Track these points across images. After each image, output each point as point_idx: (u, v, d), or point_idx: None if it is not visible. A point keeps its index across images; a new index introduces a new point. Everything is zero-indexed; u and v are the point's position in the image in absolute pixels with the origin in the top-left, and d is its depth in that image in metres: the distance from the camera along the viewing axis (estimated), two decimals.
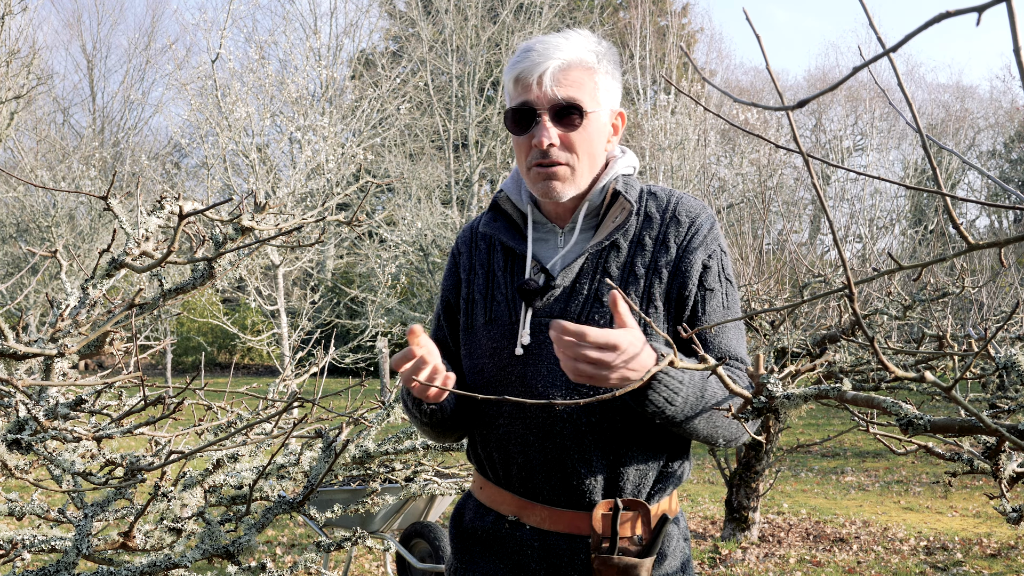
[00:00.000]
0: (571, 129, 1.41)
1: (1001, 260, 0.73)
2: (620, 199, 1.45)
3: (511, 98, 1.45)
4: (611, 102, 1.47)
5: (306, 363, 15.53)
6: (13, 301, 1.96)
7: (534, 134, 1.41)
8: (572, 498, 1.39)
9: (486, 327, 1.47)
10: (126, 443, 7.80)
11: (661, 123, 19.47)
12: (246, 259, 1.72)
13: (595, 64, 1.43)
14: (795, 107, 0.64)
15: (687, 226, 1.44)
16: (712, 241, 1.46)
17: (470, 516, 1.51)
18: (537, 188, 1.44)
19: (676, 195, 1.49)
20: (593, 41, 1.45)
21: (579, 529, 1.38)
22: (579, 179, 1.44)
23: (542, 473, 1.40)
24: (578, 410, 1.38)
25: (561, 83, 1.39)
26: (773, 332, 5.71)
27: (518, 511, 1.43)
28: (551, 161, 1.41)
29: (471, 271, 1.55)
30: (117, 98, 27.43)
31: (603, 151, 1.48)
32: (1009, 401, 5.00)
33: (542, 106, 1.40)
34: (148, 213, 1.69)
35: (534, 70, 1.39)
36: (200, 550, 1.62)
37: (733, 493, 5.68)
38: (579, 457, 1.38)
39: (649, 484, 1.42)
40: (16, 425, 1.47)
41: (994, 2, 0.55)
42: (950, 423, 0.91)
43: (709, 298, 1.43)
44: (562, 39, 1.42)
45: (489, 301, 1.49)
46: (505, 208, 1.54)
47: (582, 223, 1.48)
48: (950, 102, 27.35)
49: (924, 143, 0.67)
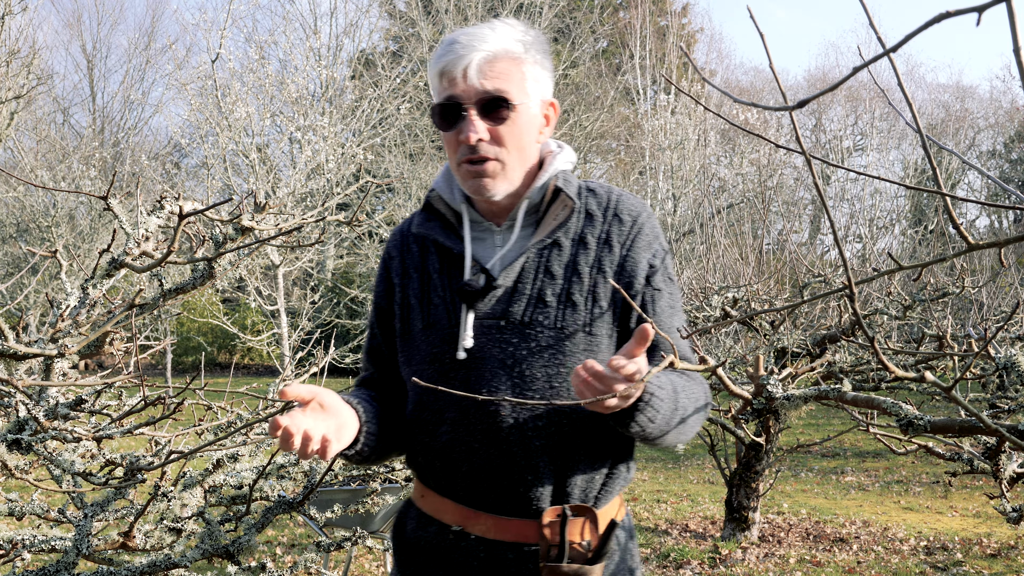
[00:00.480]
0: (499, 123, 1.35)
1: (1001, 260, 0.73)
2: (561, 196, 1.41)
3: (437, 93, 1.39)
4: (541, 92, 1.42)
5: (306, 363, 15.54)
6: (13, 301, 1.96)
7: (461, 129, 1.35)
8: (519, 506, 1.35)
9: (424, 332, 1.41)
10: (126, 443, 7.80)
11: (661, 123, 19.48)
12: (246, 259, 1.72)
13: (522, 54, 1.38)
14: (796, 107, 0.64)
15: (630, 224, 1.42)
16: (655, 240, 1.43)
17: (412, 526, 1.46)
18: (468, 186, 1.39)
19: (615, 192, 1.46)
20: (520, 31, 1.40)
21: (526, 537, 1.34)
22: (511, 174, 1.39)
23: (488, 481, 1.35)
24: (524, 415, 1.34)
25: (487, 75, 1.34)
26: (773, 332, 5.71)
27: (462, 521, 1.38)
28: (480, 157, 1.36)
29: (404, 275, 1.48)
30: (117, 98, 27.43)
31: (535, 143, 1.43)
32: (1009, 401, 5.01)
33: (468, 100, 1.34)
34: (148, 213, 1.69)
35: (458, 63, 1.34)
36: (200, 550, 1.62)
37: (733, 493, 5.68)
38: (526, 464, 1.34)
39: (596, 489, 1.38)
40: (16, 425, 1.47)
41: (994, 2, 0.55)
42: (950, 423, 0.91)
43: (658, 298, 1.41)
44: (488, 30, 1.37)
45: (426, 305, 1.43)
46: (438, 207, 1.47)
47: (522, 220, 1.43)
48: (950, 102, 27.35)
49: (924, 143, 0.67)
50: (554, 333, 1.35)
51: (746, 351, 6.22)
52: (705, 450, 9.59)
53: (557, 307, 1.36)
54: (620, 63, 22.81)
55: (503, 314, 1.37)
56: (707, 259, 8.22)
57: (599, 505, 1.39)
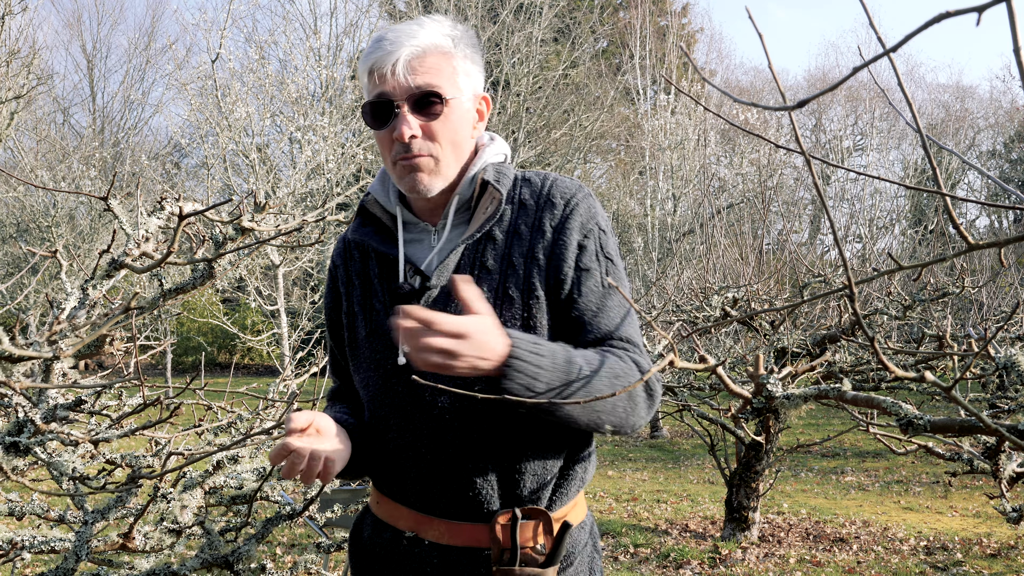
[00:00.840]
0: (432, 118, 1.34)
1: (1001, 260, 0.73)
2: (489, 189, 1.38)
3: (367, 92, 1.37)
4: (473, 86, 1.40)
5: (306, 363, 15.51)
6: (13, 301, 1.96)
7: (394, 127, 1.34)
8: (470, 510, 1.33)
9: (368, 339, 1.41)
10: (126, 443, 7.79)
11: (661, 123, 19.48)
12: (246, 259, 1.72)
13: (451, 48, 1.36)
14: (795, 107, 0.64)
15: (561, 207, 1.37)
16: (589, 220, 1.38)
17: (368, 532, 1.45)
18: (404, 183, 1.37)
19: (551, 178, 1.42)
20: (448, 25, 1.38)
21: (479, 542, 1.32)
22: (445, 170, 1.37)
23: (437, 485, 1.34)
24: (468, 417, 1.32)
25: (417, 71, 1.32)
26: (773, 332, 5.71)
27: (416, 526, 1.37)
28: (414, 154, 1.34)
29: (349, 283, 1.47)
30: (117, 98, 27.43)
31: (469, 138, 1.41)
32: (1009, 401, 5.00)
33: (399, 96, 1.33)
34: (148, 213, 1.69)
35: (387, 59, 1.32)
36: (200, 559, 1.62)
37: (733, 493, 5.68)
38: (473, 466, 1.32)
39: (549, 490, 1.35)
40: (15, 427, 1.47)
41: (994, 2, 0.55)
42: (950, 423, 0.91)
43: (585, 279, 1.35)
44: (416, 26, 1.35)
45: (368, 312, 1.42)
46: (374, 211, 1.46)
47: (453, 218, 1.41)
48: (950, 102, 27.36)
49: (924, 143, 0.67)
50: None
51: (746, 351, 6.22)
52: (705, 450, 9.59)
53: (494, 303, 1.33)
54: (620, 63, 22.81)
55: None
56: (707, 259, 8.22)
57: (554, 507, 1.36)
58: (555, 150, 17.64)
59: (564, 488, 1.37)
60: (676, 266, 14.96)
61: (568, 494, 1.38)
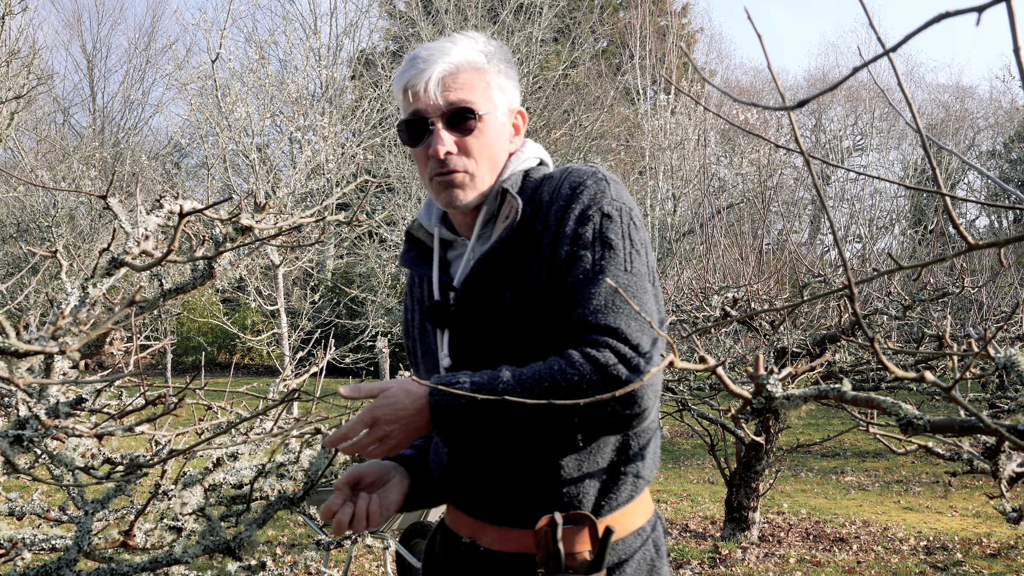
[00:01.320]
0: (466, 134, 1.35)
1: (1001, 260, 0.73)
2: (507, 198, 1.37)
3: (403, 110, 1.39)
4: (507, 101, 1.42)
5: (306, 363, 15.53)
6: (13, 301, 1.96)
7: (429, 144, 1.36)
8: (517, 515, 1.34)
9: (424, 360, 1.46)
10: (126, 442, 7.80)
11: (661, 123, 19.48)
12: (246, 259, 1.72)
13: (485, 64, 1.38)
14: (795, 107, 0.64)
15: (567, 197, 1.33)
16: (592, 204, 1.31)
17: (439, 541, 1.50)
18: (441, 199, 1.39)
19: (568, 170, 1.38)
20: (482, 42, 1.40)
21: (528, 548, 1.32)
22: (481, 184, 1.38)
23: (487, 492, 1.37)
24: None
25: (450, 87, 1.34)
26: (773, 332, 5.71)
27: (473, 533, 1.39)
28: (449, 169, 1.36)
29: (412, 310, 1.54)
30: (117, 98, 27.43)
31: (504, 152, 1.42)
32: (1009, 401, 5.00)
33: (434, 114, 1.35)
34: (148, 212, 1.69)
35: (420, 77, 1.34)
36: (201, 546, 1.62)
37: (733, 493, 5.68)
38: (515, 472, 1.34)
39: (592, 494, 1.33)
40: (17, 423, 1.47)
41: (994, 2, 0.55)
42: (950, 423, 0.91)
43: (575, 266, 1.28)
44: (449, 43, 1.37)
45: (422, 334, 1.48)
46: (418, 236, 1.50)
47: (479, 231, 1.42)
48: (950, 102, 27.36)
49: (924, 143, 0.67)
50: (521, 335, 1.32)
51: (746, 351, 6.22)
52: (705, 450, 9.58)
53: (517, 308, 1.32)
54: (620, 63, 22.81)
55: (471, 326, 1.37)
56: (707, 259, 8.23)
57: (601, 512, 1.34)
58: (555, 150, 17.63)
59: (613, 492, 1.34)
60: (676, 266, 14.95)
61: (618, 498, 1.35)
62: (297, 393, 1.53)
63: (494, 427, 1.25)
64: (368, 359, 15.82)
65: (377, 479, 1.40)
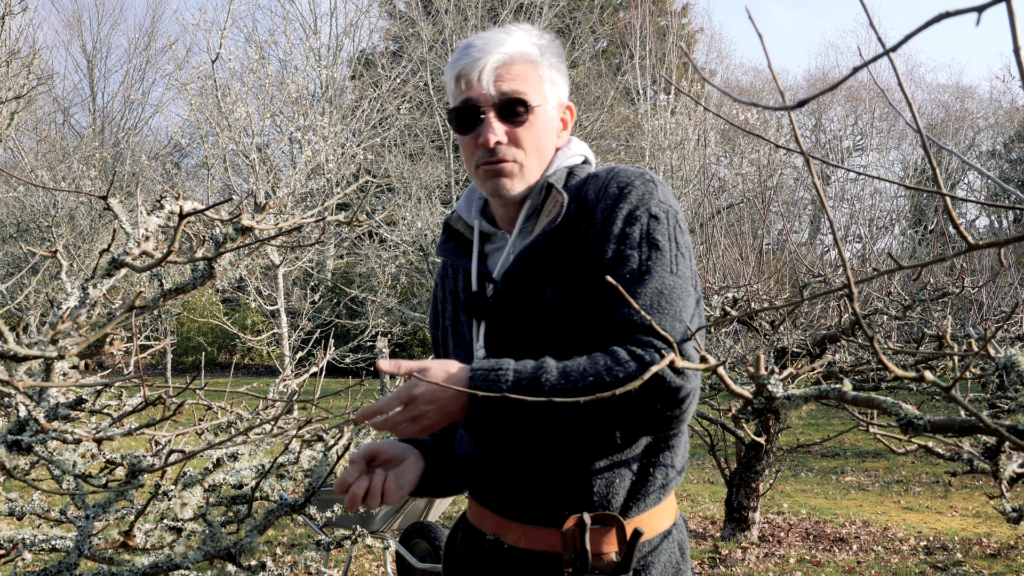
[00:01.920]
0: (517, 125, 1.35)
1: (1001, 260, 0.73)
2: (552, 192, 1.38)
3: (454, 97, 1.39)
4: (558, 95, 1.42)
5: (306, 363, 15.53)
6: (13, 301, 1.96)
7: (479, 132, 1.35)
8: (544, 514, 1.33)
9: (455, 351, 1.46)
10: (126, 443, 7.80)
11: (661, 123, 19.48)
12: (246, 259, 1.72)
13: (538, 57, 1.38)
14: (795, 107, 0.64)
15: (615, 195, 1.34)
16: (640, 205, 1.32)
17: (460, 536, 1.49)
18: (486, 187, 1.38)
19: (615, 170, 1.39)
20: (535, 34, 1.40)
21: (553, 547, 1.32)
22: (528, 175, 1.38)
23: (514, 489, 1.35)
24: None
25: (504, 78, 1.34)
26: (773, 332, 5.71)
27: (497, 530, 1.38)
28: (498, 159, 1.35)
29: (444, 301, 1.53)
30: (117, 98, 27.43)
31: (552, 146, 1.42)
32: (1009, 401, 5.00)
33: (486, 103, 1.35)
34: (148, 213, 1.69)
35: (475, 66, 1.34)
36: (202, 551, 1.62)
37: (733, 493, 5.68)
38: (545, 470, 1.32)
39: (621, 495, 1.32)
40: (16, 426, 1.47)
41: (994, 2, 0.55)
42: (950, 423, 0.91)
43: (622, 265, 1.28)
44: (503, 34, 1.37)
45: (456, 325, 1.47)
46: (457, 227, 1.49)
47: (521, 224, 1.41)
48: (950, 102, 27.36)
49: (924, 143, 0.67)
50: (560, 331, 1.32)
51: (746, 351, 6.22)
52: (705, 450, 9.58)
53: (558, 303, 1.32)
54: (620, 63, 22.80)
55: (510, 320, 1.36)
56: (707, 259, 8.23)
57: (629, 513, 1.33)
58: None
59: (641, 493, 1.34)
60: None
61: (646, 499, 1.34)
62: (297, 395, 1.52)
63: (532, 419, 1.23)
64: (368, 359, 15.82)
65: (393, 457, 1.37)
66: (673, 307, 1.26)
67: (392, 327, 15.21)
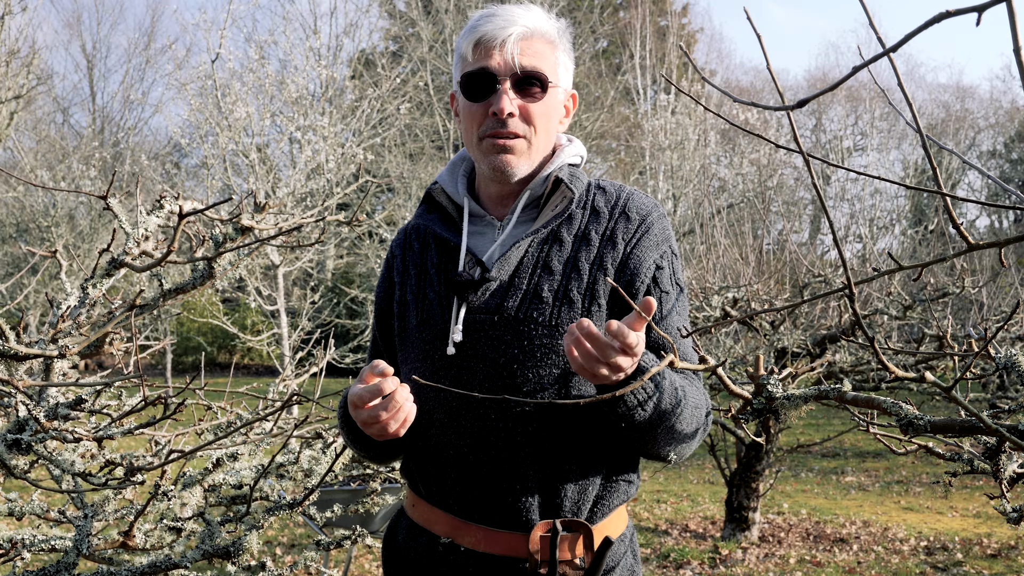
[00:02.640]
0: (532, 100, 1.32)
1: (1001, 260, 0.73)
2: (562, 187, 1.35)
3: (465, 64, 1.35)
4: (567, 82, 1.41)
5: (306, 363, 15.52)
6: (13, 301, 1.96)
7: (492, 102, 1.31)
8: (508, 518, 1.29)
9: (418, 328, 1.37)
10: (126, 443, 7.80)
11: (661, 123, 19.46)
12: (246, 259, 1.72)
13: (556, 39, 1.37)
14: (795, 107, 0.64)
15: (637, 223, 1.35)
16: (664, 242, 1.36)
17: (403, 536, 1.42)
18: (488, 161, 1.34)
19: (627, 191, 1.40)
20: (553, 18, 1.39)
21: (516, 552, 1.28)
22: (534, 155, 1.36)
23: (476, 489, 1.30)
24: (514, 421, 1.27)
25: (525, 52, 1.32)
26: (773, 332, 5.71)
27: (452, 532, 1.32)
28: (510, 132, 1.32)
29: (404, 273, 1.45)
30: (117, 98, 27.42)
31: (555, 131, 1.41)
32: (1009, 401, 5.00)
33: (503, 73, 1.31)
34: (148, 213, 1.69)
35: (498, 34, 1.31)
36: (200, 551, 1.62)
37: (733, 493, 5.67)
38: (514, 472, 1.28)
39: (590, 502, 1.31)
40: (16, 425, 1.47)
41: (994, 2, 0.55)
42: (950, 423, 0.91)
43: (666, 300, 1.33)
44: (522, 10, 1.35)
45: (421, 301, 1.39)
46: (439, 200, 1.43)
47: (520, 214, 1.38)
48: (950, 102, 27.35)
49: (924, 143, 0.67)
50: (548, 331, 1.28)
51: (746, 351, 6.22)
52: (705, 450, 9.58)
53: (553, 304, 1.30)
54: (620, 63, 22.79)
55: (496, 309, 1.31)
56: (707, 259, 8.23)
57: (595, 519, 1.32)
58: None
59: (607, 501, 1.33)
60: None
61: (610, 507, 1.34)
62: (296, 396, 1.52)
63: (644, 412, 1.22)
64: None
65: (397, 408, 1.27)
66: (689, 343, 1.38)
67: None
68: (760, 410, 1.04)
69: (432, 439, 1.33)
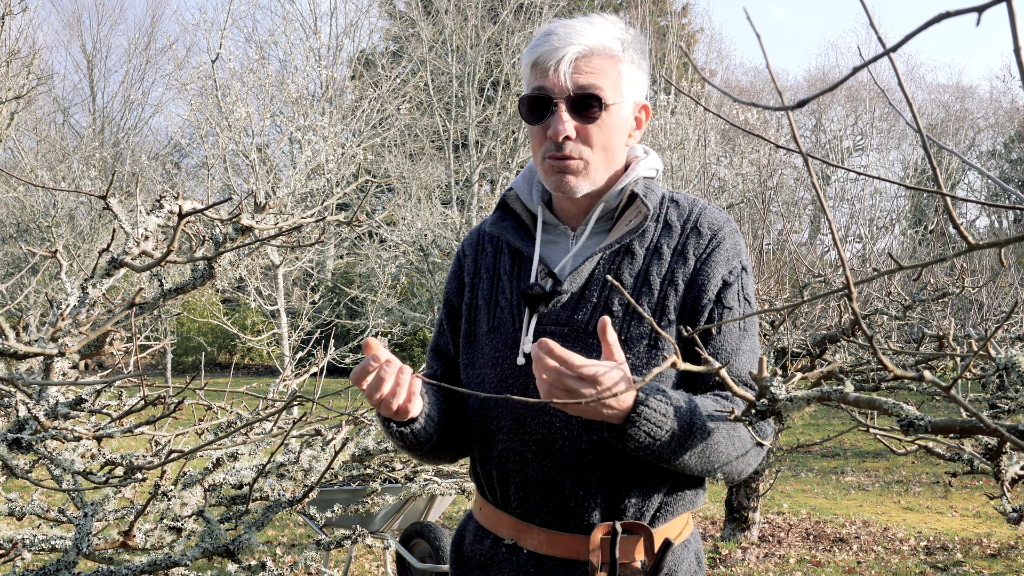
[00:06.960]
0: (589, 121, 1.30)
1: (1001, 260, 0.73)
2: (637, 202, 1.35)
3: (528, 84, 1.34)
4: (636, 94, 1.37)
5: (306, 363, 15.52)
6: (13, 301, 1.96)
7: (549, 124, 1.31)
8: (570, 521, 1.30)
9: (489, 335, 1.38)
10: (126, 443, 7.80)
11: (661, 123, 19.46)
12: (246, 259, 1.72)
13: (620, 52, 1.33)
14: (795, 107, 0.64)
15: (708, 238, 1.35)
16: (734, 257, 1.35)
17: (470, 539, 1.43)
18: (550, 181, 1.34)
19: (700, 205, 1.39)
20: (620, 28, 1.34)
21: (577, 554, 1.29)
22: (594, 174, 1.34)
23: (539, 494, 1.31)
24: (579, 428, 1.29)
25: (581, 71, 1.29)
26: (773, 332, 5.71)
27: (516, 534, 1.34)
28: (565, 155, 1.31)
29: (476, 275, 1.45)
30: (117, 98, 27.43)
31: (623, 146, 1.38)
32: (1009, 401, 5.00)
33: (559, 94, 1.29)
34: (148, 213, 1.69)
35: (553, 55, 1.29)
36: (200, 548, 1.62)
37: (733, 493, 5.67)
38: (577, 477, 1.29)
39: (653, 507, 1.32)
40: (16, 425, 1.47)
41: (994, 2, 0.55)
42: (950, 424, 0.91)
43: (726, 316, 1.32)
44: (586, 24, 1.31)
45: (493, 307, 1.40)
46: (514, 207, 1.43)
47: (594, 225, 1.38)
48: (950, 102, 27.36)
49: (924, 143, 0.67)
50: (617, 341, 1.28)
51: None
52: None
53: (623, 317, 1.30)
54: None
55: (567, 321, 1.32)
56: None
57: (656, 523, 1.32)
58: None
59: (670, 506, 1.33)
60: None
61: (674, 512, 1.34)
62: (296, 396, 1.52)
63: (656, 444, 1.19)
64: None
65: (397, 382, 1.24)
66: (756, 357, 1.36)
67: (392, 327, 15.20)
68: (764, 412, 1.04)
69: (499, 444, 1.35)
